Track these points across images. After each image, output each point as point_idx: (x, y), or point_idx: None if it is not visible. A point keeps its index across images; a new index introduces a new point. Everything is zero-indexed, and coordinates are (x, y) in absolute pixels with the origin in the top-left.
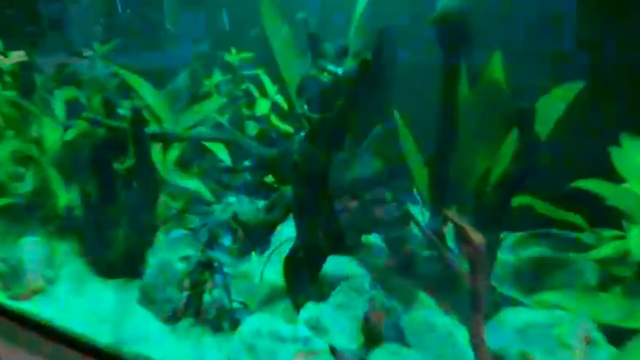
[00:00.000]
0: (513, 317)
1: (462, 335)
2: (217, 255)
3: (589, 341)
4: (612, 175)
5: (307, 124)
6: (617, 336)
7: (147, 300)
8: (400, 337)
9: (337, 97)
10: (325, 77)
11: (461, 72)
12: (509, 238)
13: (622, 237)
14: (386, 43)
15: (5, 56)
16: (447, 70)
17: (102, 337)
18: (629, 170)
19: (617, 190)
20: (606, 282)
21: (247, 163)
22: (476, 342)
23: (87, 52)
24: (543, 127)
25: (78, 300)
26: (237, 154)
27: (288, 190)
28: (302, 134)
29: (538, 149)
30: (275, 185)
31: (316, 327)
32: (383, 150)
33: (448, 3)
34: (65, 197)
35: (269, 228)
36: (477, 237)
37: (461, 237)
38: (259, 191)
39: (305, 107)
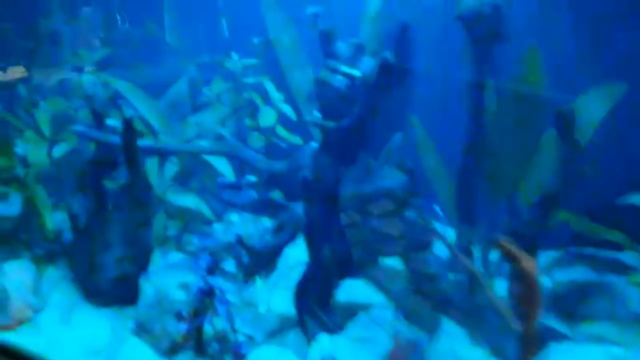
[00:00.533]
0: (562, 357)
1: None
2: (220, 282)
3: None
4: None
5: (319, 133)
6: None
7: (143, 331)
8: None
9: (354, 102)
10: (339, 80)
11: (491, 74)
12: (541, 257)
13: None
14: (407, 40)
15: (4, 71)
16: (476, 71)
17: None
18: None
19: None
20: None
21: (252, 178)
22: None
23: (89, 68)
24: (581, 133)
25: (67, 330)
26: (240, 168)
27: (298, 207)
28: (314, 144)
29: (580, 157)
30: (283, 202)
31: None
32: (402, 162)
33: None
34: (53, 218)
35: (277, 251)
36: (533, 268)
37: (516, 268)
38: (264, 208)
39: (317, 114)
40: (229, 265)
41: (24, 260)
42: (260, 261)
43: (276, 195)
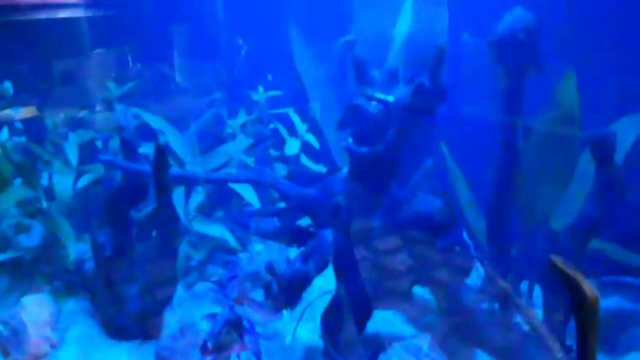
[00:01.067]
0: None
1: None
2: (248, 312)
3: None
4: None
5: (349, 160)
6: None
7: None
8: None
9: (387, 129)
10: (373, 107)
11: (523, 99)
12: None
13: None
14: (442, 64)
15: (17, 111)
16: (509, 97)
17: None
18: None
19: None
20: None
21: (281, 205)
22: None
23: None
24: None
25: None
26: (267, 197)
27: (327, 235)
28: (345, 170)
29: (620, 185)
30: (312, 230)
31: None
32: (434, 188)
33: (514, 20)
34: (76, 249)
35: (306, 281)
36: (594, 293)
37: (573, 290)
38: (292, 236)
39: (350, 140)
40: (258, 295)
41: (44, 294)
42: (289, 290)
43: (304, 222)
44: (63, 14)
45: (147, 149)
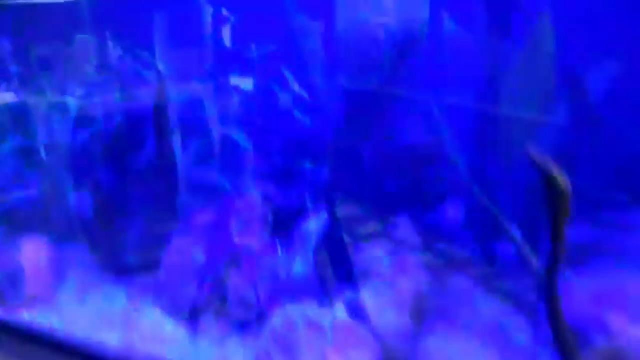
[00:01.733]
0: None
1: None
2: (246, 243)
3: None
4: None
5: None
6: None
7: (164, 298)
8: None
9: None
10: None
11: None
12: None
13: None
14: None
15: None
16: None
17: (111, 342)
18: None
19: None
20: None
21: (276, 145)
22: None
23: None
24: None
25: (84, 305)
26: (260, 141)
27: (321, 172)
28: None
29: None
30: (306, 167)
31: (358, 312)
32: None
33: None
34: (74, 198)
35: (300, 214)
36: (565, 183)
37: (548, 182)
38: (287, 177)
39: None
40: (255, 226)
41: (42, 240)
42: (286, 221)
43: (297, 162)
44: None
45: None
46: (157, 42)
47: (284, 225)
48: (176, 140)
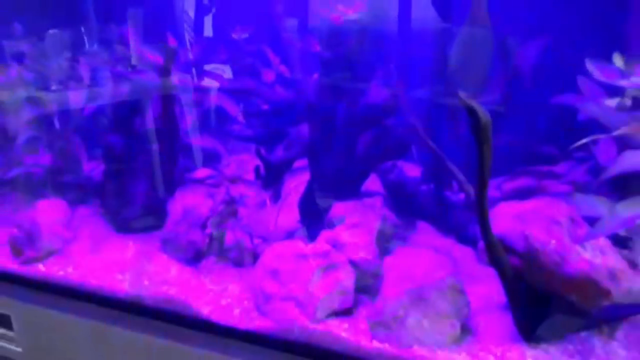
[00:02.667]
0: None
1: None
2: (242, 190)
3: None
4: None
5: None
6: None
7: (169, 245)
8: None
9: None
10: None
11: None
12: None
13: None
14: None
15: None
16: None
17: (121, 287)
18: None
19: None
20: None
21: (264, 109)
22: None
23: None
24: None
25: (96, 257)
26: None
27: (302, 130)
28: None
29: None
30: (290, 128)
31: (335, 244)
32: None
33: None
34: (86, 162)
35: (288, 164)
36: (486, 116)
37: (473, 117)
38: (274, 138)
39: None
40: (248, 180)
41: (57, 199)
42: (275, 171)
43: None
44: None
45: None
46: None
47: (272, 179)
48: (176, 110)
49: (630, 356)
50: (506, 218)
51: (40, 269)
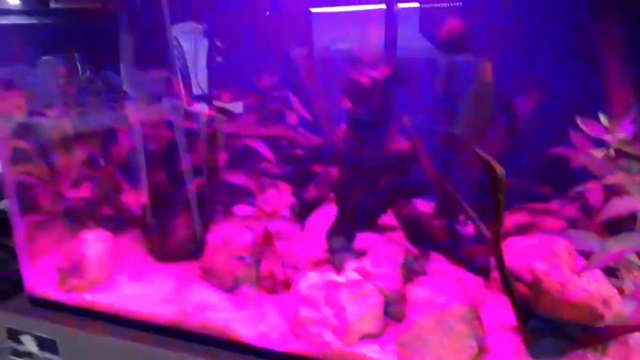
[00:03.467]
0: None
1: None
2: (279, 225)
3: None
4: None
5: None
6: None
7: (208, 274)
8: None
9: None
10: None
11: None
12: None
13: None
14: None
15: None
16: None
17: (164, 313)
18: None
19: None
20: None
21: (298, 153)
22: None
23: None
24: None
25: (138, 285)
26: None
27: (332, 171)
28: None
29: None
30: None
31: (363, 274)
32: None
33: None
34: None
35: (318, 202)
36: (501, 170)
37: (489, 170)
38: (305, 177)
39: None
40: (283, 214)
41: (101, 230)
42: (309, 207)
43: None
44: (6, 20)
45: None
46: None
47: (305, 214)
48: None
49: None
50: (515, 252)
51: (86, 297)
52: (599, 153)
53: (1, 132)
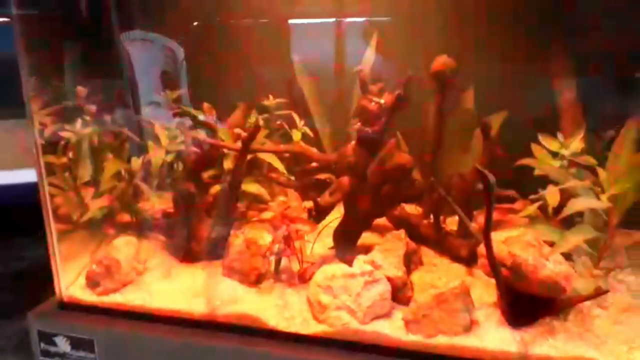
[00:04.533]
0: None
1: None
2: (299, 226)
3: None
4: None
5: (358, 137)
6: None
7: (233, 272)
8: None
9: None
10: (372, 105)
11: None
12: None
13: None
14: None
15: None
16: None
17: (195, 308)
18: None
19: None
20: None
21: (311, 165)
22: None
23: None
24: None
25: (167, 285)
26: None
27: (344, 181)
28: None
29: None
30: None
31: (373, 265)
32: None
33: None
34: (155, 204)
35: (331, 207)
36: (493, 180)
37: (485, 180)
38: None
39: (358, 124)
40: (299, 217)
41: (129, 236)
42: (324, 212)
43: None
44: None
45: None
46: None
47: (321, 218)
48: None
49: (577, 330)
50: (497, 243)
51: (118, 298)
52: (555, 163)
53: None
